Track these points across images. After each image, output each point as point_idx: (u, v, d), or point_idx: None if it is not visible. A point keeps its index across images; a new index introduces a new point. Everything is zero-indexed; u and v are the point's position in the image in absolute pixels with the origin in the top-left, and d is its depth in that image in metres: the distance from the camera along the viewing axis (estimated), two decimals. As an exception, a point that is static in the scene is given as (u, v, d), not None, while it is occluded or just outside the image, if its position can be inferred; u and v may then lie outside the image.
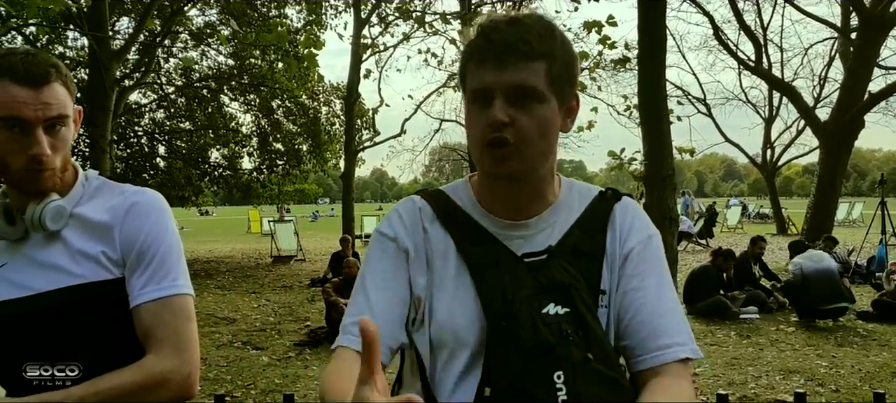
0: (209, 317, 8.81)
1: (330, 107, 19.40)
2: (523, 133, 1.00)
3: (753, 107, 26.14)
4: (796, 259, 8.09)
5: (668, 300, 1.08)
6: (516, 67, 0.99)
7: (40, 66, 1.21)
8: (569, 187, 1.17)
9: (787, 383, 5.36)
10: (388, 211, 1.20)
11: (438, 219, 1.13)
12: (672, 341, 1.03)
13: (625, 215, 1.14)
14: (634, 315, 1.06)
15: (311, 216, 44.75)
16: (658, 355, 1.03)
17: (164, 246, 1.30)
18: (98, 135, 10.09)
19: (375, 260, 1.12)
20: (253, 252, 19.84)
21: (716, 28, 15.83)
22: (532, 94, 1.00)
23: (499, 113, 0.99)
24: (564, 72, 1.03)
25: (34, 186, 1.25)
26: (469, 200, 1.14)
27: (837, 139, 13.93)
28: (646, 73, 4.05)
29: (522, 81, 0.99)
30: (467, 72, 1.04)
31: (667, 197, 4.02)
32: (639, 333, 1.05)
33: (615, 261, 1.10)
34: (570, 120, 1.10)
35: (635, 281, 1.08)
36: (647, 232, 1.13)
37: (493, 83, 0.99)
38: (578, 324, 1.01)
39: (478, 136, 1.03)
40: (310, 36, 6.71)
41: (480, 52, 1.01)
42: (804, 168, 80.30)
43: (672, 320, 1.06)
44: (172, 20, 13.09)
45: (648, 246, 1.12)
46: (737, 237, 21.77)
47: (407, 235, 1.12)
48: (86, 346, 1.25)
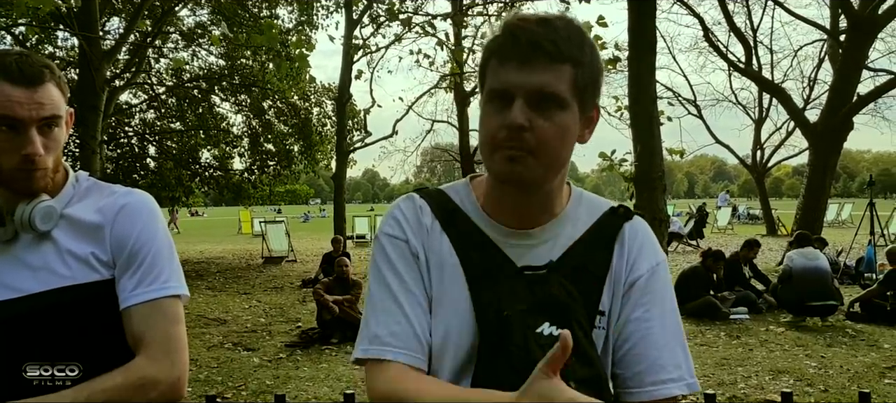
0: (200, 318, 8.77)
1: (321, 108, 19.36)
2: (541, 139, 0.95)
3: (743, 109, 26.32)
4: (790, 253, 8.15)
5: (671, 331, 1.06)
6: (541, 69, 0.94)
7: (34, 67, 1.22)
8: (578, 199, 1.13)
9: (777, 383, 5.40)
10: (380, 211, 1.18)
11: (438, 221, 1.09)
12: (668, 377, 1.02)
13: (635, 237, 1.10)
14: (634, 346, 1.04)
15: (303, 217, 44.63)
16: (651, 390, 1.02)
17: (155, 248, 1.30)
18: (88, 136, 10.03)
19: (395, 262, 1.06)
20: (244, 253, 19.75)
21: (706, 30, 15.93)
22: (554, 99, 0.95)
23: (518, 115, 0.94)
24: (590, 80, 0.99)
25: (26, 186, 1.25)
26: (471, 203, 1.10)
27: (827, 140, 14.03)
28: (636, 75, 4.07)
29: (546, 85, 0.94)
30: (488, 69, 1.00)
31: (657, 197, 4.04)
32: (636, 366, 1.04)
33: (620, 285, 1.07)
34: (589, 131, 1.05)
35: (639, 311, 1.06)
36: (656, 259, 1.10)
37: (515, 83, 0.95)
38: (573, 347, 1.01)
39: (492, 137, 0.97)
40: (301, 36, 6.73)
41: (504, 49, 0.96)
42: (794, 169, 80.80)
43: (671, 354, 1.04)
44: (163, 20, 13.05)
45: (656, 274, 1.08)
46: (727, 238, 21.87)
47: (414, 236, 1.08)
48: (85, 346, 1.25)
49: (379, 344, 1.01)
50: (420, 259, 1.06)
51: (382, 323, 1.03)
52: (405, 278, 1.05)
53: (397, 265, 1.06)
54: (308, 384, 5.64)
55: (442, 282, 1.05)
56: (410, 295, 1.04)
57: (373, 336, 1.02)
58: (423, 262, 1.06)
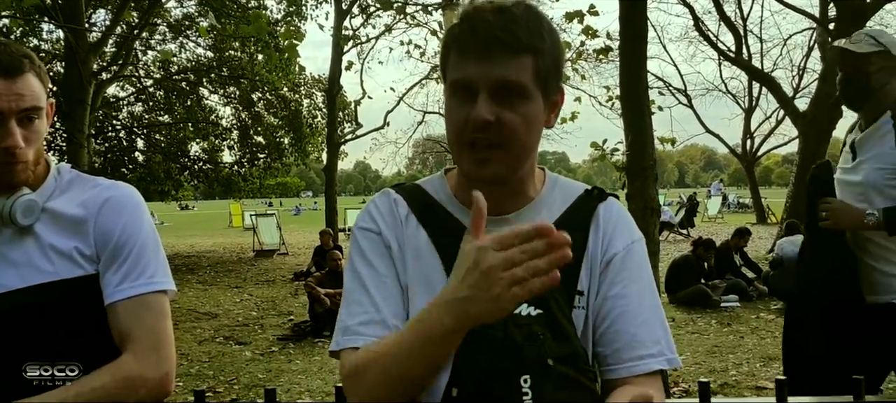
0: (191, 313, 8.73)
1: (311, 100, 19.27)
2: (508, 132, 0.96)
3: (733, 98, 26.40)
4: (780, 241, 8.21)
5: (648, 307, 1.06)
6: (501, 61, 0.94)
7: (14, 57, 1.19)
8: (552, 184, 1.14)
9: (768, 370, 5.43)
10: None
11: (414, 213, 1.10)
12: (647, 352, 1.02)
13: (609, 216, 1.11)
14: (612, 323, 1.04)
15: (295, 209, 44.52)
16: (630, 366, 1.02)
17: (140, 242, 1.28)
18: (75, 130, 9.94)
19: (368, 253, 1.07)
20: (235, 246, 19.68)
21: (696, 19, 15.91)
22: (518, 90, 0.95)
23: (483, 111, 0.93)
24: (552, 66, 0.99)
25: (6, 179, 1.22)
26: (445, 195, 1.11)
27: (816, 129, 14.08)
28: (627, 64, 4.05)
29: (508, 77, 0.94)
30: (449, 61, 1.00)
31: (648, 186, 4.03)
32: (615, 343, 1.03)
33: (596, 264, 1.08)
34: (554, 115, 1.06)
35: (616, 288, 1.06)
36: (632, 236, 1.11)
37: (477, 77, 0.94)
38: (550, 326, 0.99)
39: (458, 134, 0.98)
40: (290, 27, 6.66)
41: (463, 41, 0.96)
42: (783, 158, 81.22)
43: (649, 329, 1.04)
44: (150, 12, 12.89)
45: (632, 252, 1.09)
46: (717, 227, 22.02)
47: (387, 229, 1.08)
48: (84, 345, 1.23)
49: (350, 335, 1.02)
50: (393, 250, 1.07)
51: (354, 314, 1.04)
52: (378, 268, 1.06)
53: (370, 256, 1.07)
54: (300, 377, 5.63)
55: (419, 270, 1.06)
56: (382, 285, 1.05)
57: (345, 328, 1.03)
58: (397, 253, 1.07)
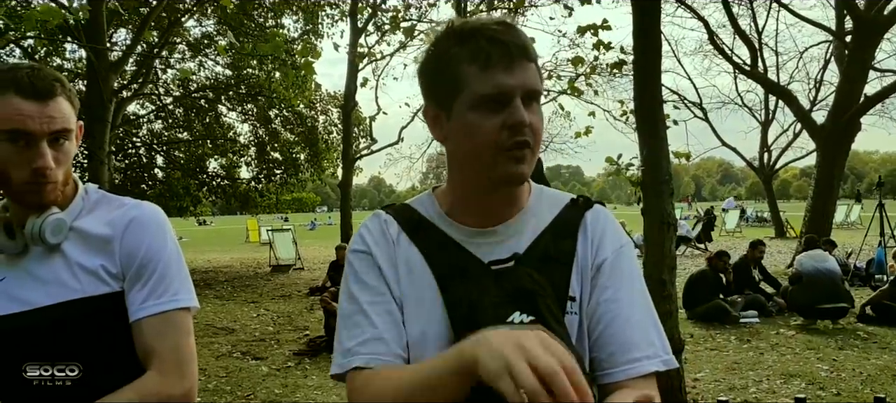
0: (208, 328, 8.79)
1: (327, 116, 19.40)
2: (536, 133, 1.02)
3: (749, 111, 26.14)
4: (799, 256, 8.11)
5: (640, 310, 1.08)
6: (525, 70, 1.00)
7: (46, 81, 1.22)
8: (539, 194, 1.16)
9: (788, 387, 5.36)
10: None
11: (405, 232, 1.12)
12: (642, 354, 1.03)
13: (596, 223, 1.13)
14: (605, 328, 1.05)
15: (310, 224, 44.71)
16: (626, 369, 1.02)
17: (164, 261, 1.30)
18: (96, 147, 10.08)
19: (362, 275, 1.10)
20: (251, 261, 19.80)
21: (711, 33, 15.84)
22: (537, 95, 1.02)
23: (524, 115, 0.99)
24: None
25: (36, 199, 1.25)
26: (435, 211, 1.14)
27: (834, 142, 13.94)
28: (641, 78, 4.05)
29: (534, 83, 1.01)
30: (468, 76, 1.00)
31: (664, 201, 4.02)
32: (608, 346, 1.05)
33: (587, 269, 1.09)
34: None
35: (608, 293, 1.07)
36: (620, 241, 1.13)
37: (511, 85, 0.98)
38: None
39: (493, 139, 1.00)
40: (306, 45, 6.74)
41: (485, 54, 0.98)
42: (801, 171, 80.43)
43: (642, 332, 1.05)
44: (170, 31, 13.11)
45: (621, 256, 1.11)
46: (735, 241, 21.77)
47: (379, 250, 1.11)
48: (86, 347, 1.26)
49: (352, 356, 1.04)
50: (384, 269, 1.09)
51: (354, 335, 1.05)
52: (372, 287, 1.08)
53: (364, 277, 1.09)
54: (316, 392, 5.64)
55: (412, 286, 1.08)
56: (376, 304, 1.07)
57: (344, 351, 1.05)
58: (390, 272, 1.09)
